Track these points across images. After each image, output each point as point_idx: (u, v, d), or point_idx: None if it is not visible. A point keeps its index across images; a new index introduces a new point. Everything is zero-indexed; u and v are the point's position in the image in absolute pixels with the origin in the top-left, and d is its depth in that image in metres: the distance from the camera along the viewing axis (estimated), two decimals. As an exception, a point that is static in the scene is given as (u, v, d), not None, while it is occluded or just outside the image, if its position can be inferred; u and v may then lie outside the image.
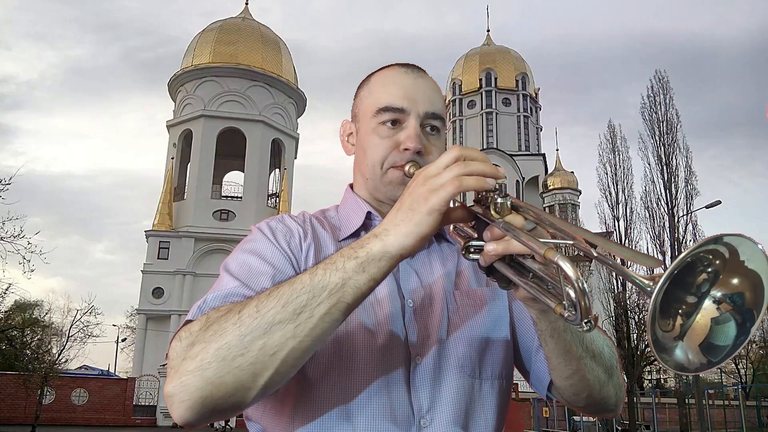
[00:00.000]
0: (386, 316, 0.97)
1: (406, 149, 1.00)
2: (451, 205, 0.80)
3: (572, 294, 0.67)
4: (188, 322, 0.84)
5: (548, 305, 0.73)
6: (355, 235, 1.05)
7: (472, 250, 0.82)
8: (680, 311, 0.65)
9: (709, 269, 0.64)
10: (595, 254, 0.68)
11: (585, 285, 0.67)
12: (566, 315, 0.70)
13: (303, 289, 0.78)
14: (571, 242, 0.72)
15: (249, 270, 0.93)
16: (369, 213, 1.06)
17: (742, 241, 0.62)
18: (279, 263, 0.96)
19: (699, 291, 0.65)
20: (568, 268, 0.67)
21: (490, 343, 1.02)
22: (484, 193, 0.80)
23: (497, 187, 0.78)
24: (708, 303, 0.65)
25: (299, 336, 0.77)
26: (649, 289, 0.61)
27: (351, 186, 1.14)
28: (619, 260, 0.69)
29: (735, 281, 0.64)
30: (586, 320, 0.68)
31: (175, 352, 0.80)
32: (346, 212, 1.09)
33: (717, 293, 0.65)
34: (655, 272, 0.64)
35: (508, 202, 0.78)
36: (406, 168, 0.99)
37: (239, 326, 0.77)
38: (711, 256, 0.63)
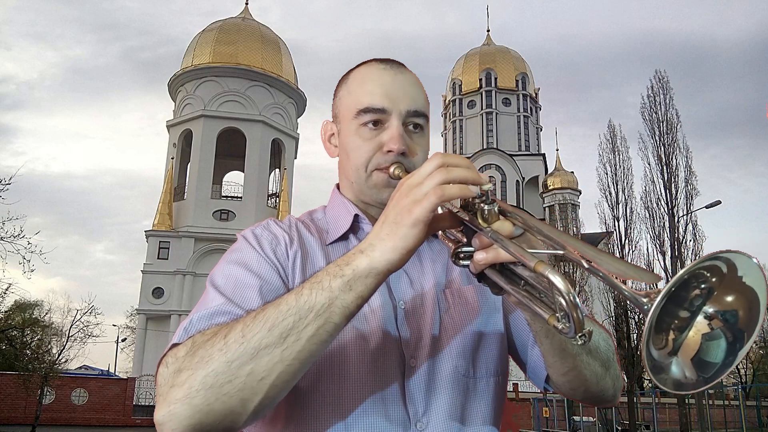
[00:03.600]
0: (378, 320, 0.95)
1: (389, 151, 0.98)
2: (439, 211, 0.78)
3: (564, 305, 0.66)
4: (174, 345, 0.82)
5: (541, 315, 0.71)
6: (343, 238, 1.04)
7: (461, 256, 0.81)
8: (673, 326, 0.63)
9: (704, 285, 0.62)
10: (586, 266, 0.66)
11: (576, 298, 0.65)
12: (560, 327, 0.68)
13: (289, 311, 0.76)
14: (561, 252, 0.70)
15: (235, 283, 0.91)
16: (356, 216, 1.05)
17: (738, 257, 0.61)
18: (265, 273, 0.94)
19: (692, 306, 0.63)
20: (558, 281, 0.65)
21: (484, 341, 1.01)
22: (471, 199, 0.79)
23: (483, 192, 0.76)
24: (700, 318, 0.63)
25: (287, 360, 0.75)
26: (645, 306, 0.59)
27: (338, 186, 1.12)
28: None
29: (729, 298, 0.63)
30: (580, 334, 0.66)
31: (162, 378, 0.79)
32: (334, 215, 1.08)
33: (710, 309, 0.63)
34: (646, 287, 0.63)
35: (495, 208, 0.76)
36: (391, 170, 0.97)
37: (225, 352, 0.75)
38: (708, 273, 0.62)
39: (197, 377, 0.75)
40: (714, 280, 0.62)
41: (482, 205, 0.76)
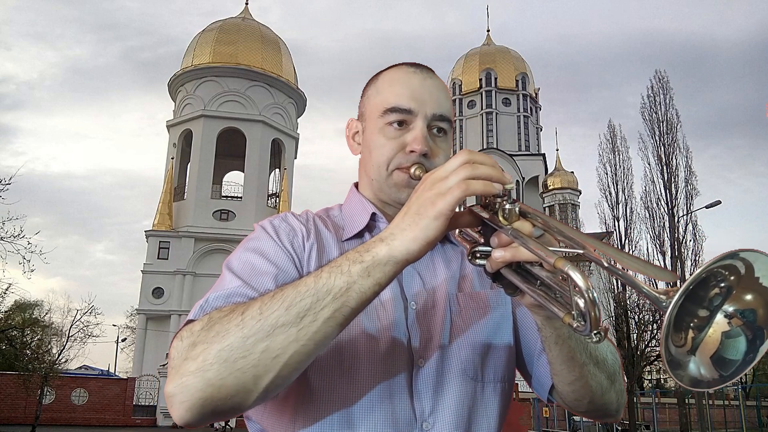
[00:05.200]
0: (389, 319, 0.96)
1: (412, 151, 0.99)
2: (459, 209, 0.79)
3: (581, 304, 0.66)
4: (190, 321, 0.83)
5: (556, 314, 0.72)
6: (359, 235, 1.04)
7: (478, 255, 0.81)
8: (692, 325, 0.64)
9: (723, 284, 0.63)
10: (606, 265, 0.67)
11: (595, 295, 0.65)
12: (575, 325, 0.68)
13: (307, 292, 0.77)
14: (581, 251, 0.70)
15: (251, 269, 0.92)
16: (373, 214, 1.05)
17: (758, 256, 0.61)
18: (282, 262, 0.95)
19: (711, 305, 0.64)
20: (578, 278, 0.65)
21: (493, 346, 1.01)
22: (492, 198, 0.79)
23: (505, 192, 0.77)
24: (720, 317, 0.64)
25: (302, 339, 0.76)
26: (663, 303, 0.60)
27: (356, 185, 1.13)
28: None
29: (748, 297, 0.63)
30: (595, 332, 0.67)
31: (176, 351, 0.79)
32: (351, 212, 1.08)
33: (729, 308, 0.64)
34: (659, 284, 0.64)
35: (517, 208, 0.76)
36: (412, 170, 0.98)
37: (242, 328, 0.76)
38: (726, 272, 0.62)
39: (212, 351, 0.75)
40: (732, 279, 0.63)
41: (504, 203, 0.77)
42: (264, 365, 0.76)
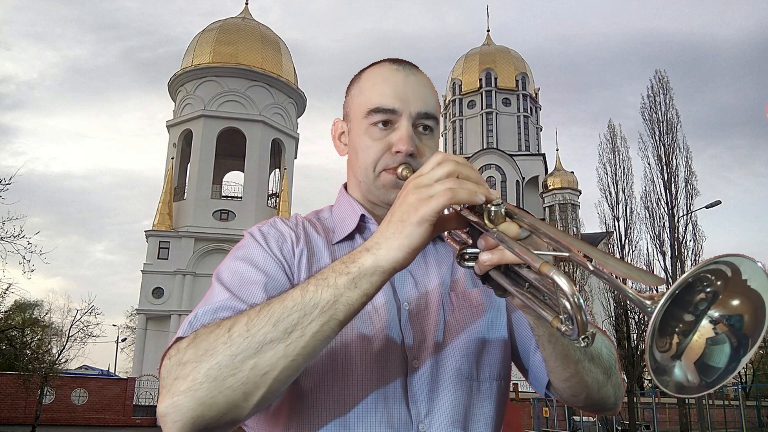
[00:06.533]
0: (382, 321, 0.95)
1: (398, 152, 0.98)
2: (445, 212, 0.78)
3: (568, 307, 0.66)
4: (179, 339, 0.82)
5: (545, 318, 0.71)
6: (349, 237, 1.04)
7: (467, 257, 0.80)
8: (677, 329, 0.64)
9: (709, 289, 0.63)
10: (591, 268, 0.67)
11: (581, 300, 0.65)
12: (563, 329, 0.68)
13: (294, 306, 0.76)
14: (567, 254, 0.70)
15: (240, 279, 0.92)
16: (363, 216, 1.05)
17: (743, 261, 0.61)
18: (271, 270, 0.94)
19: (697, 310, 0.63)
20: (563, 283, 0.65)
21: (487, 344, 1.01)
22: None
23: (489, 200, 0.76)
24: (705, 322, 0.63)
25: (291, 355, 0.76)
26: (649, 309, 0.59)
27: (345, 186, 1.12)
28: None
29: (735, 302, 0.63)
30: (583, 336, 0.66)
31: (166, 370, 0.79)
32: (340, 214, 1.08)
33: (715, 313, 0.63)
34: (653, 289, 0.63)
35: (503, 210, 0.76)
36: (399, 171, 0.98)
37: (230, 346, 0.75)
38: (712, 276, 0.62)
39: (201, 370, 0.75)
40: (719, 283, 0.62)
41: (489, 206, 0.76)
42: (253, 382, 0.75)
